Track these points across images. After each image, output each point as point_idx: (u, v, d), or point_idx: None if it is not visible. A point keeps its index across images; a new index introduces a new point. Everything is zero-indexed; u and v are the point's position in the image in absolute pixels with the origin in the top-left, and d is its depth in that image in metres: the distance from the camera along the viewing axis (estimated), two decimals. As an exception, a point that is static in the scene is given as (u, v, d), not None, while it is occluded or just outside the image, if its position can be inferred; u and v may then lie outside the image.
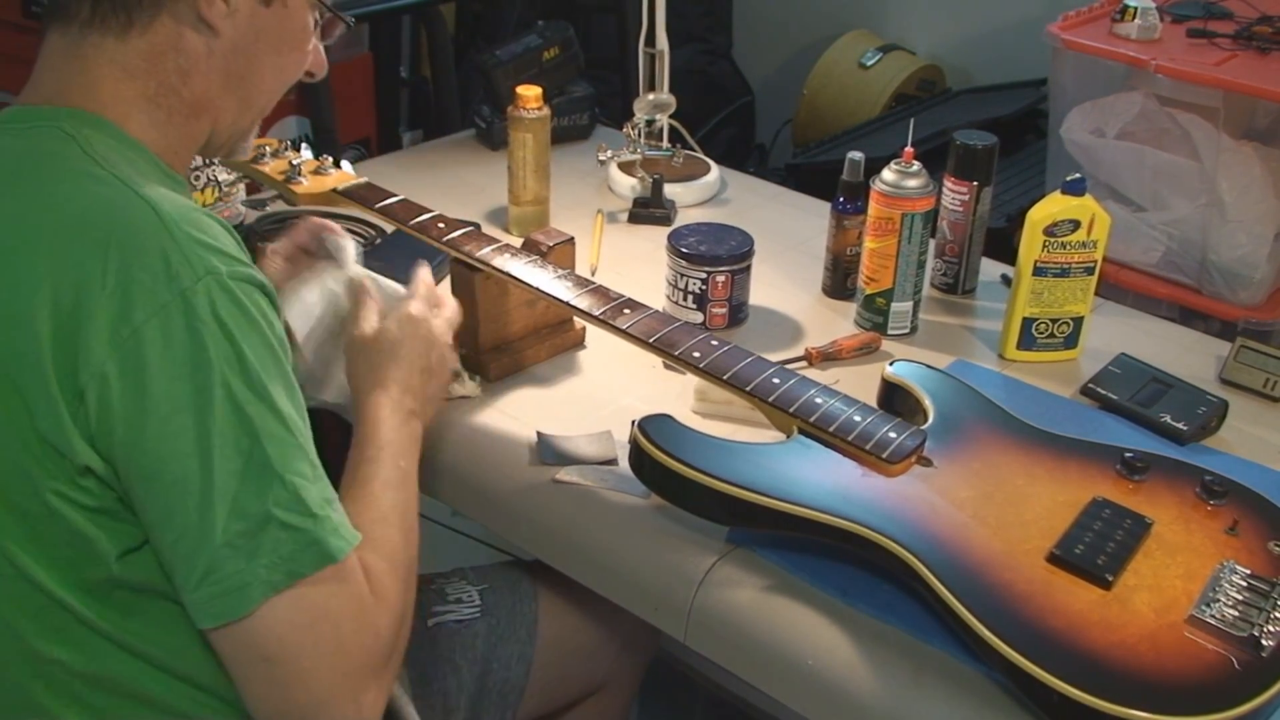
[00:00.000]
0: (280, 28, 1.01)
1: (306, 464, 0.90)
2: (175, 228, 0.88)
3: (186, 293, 0.86)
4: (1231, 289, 2.09)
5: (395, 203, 1.42)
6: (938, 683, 1.00)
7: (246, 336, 0.88)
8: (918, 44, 3.15)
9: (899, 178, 1.43)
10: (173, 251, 0.87)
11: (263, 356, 0.89)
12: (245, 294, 0.89)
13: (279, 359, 0.91)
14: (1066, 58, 2.18)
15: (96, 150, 0.93)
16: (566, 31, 2.02)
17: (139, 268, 0.86)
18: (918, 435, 1.14)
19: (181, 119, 1.00)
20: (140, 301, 0.85)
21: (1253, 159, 2.02)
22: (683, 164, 1.85)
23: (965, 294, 1.60)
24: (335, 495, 0.93)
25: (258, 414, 0.87)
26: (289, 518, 0.87)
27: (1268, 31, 2.10)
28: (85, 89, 0.96)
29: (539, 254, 1.33)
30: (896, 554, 1.03)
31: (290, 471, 0.88)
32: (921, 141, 1.49)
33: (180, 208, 0.91)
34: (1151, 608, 1.00)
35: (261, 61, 1.01)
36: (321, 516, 0.88)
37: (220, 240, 0.91)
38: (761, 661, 1.07)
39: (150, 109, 0.98)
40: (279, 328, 0.93)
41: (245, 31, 0.99)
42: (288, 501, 0.87)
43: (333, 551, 0.89)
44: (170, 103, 0.98)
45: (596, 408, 1.32)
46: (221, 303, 0.87)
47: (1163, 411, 1.33)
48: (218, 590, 0.86)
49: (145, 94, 0.97)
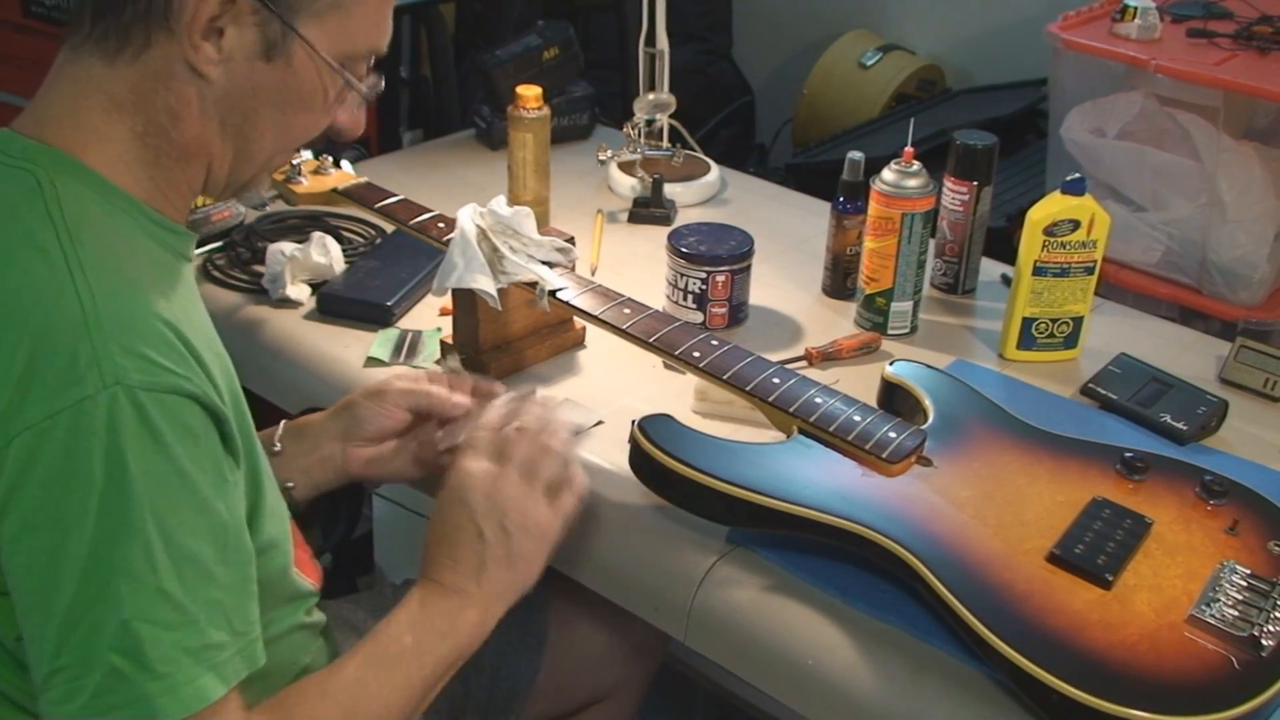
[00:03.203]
0: (284, 86, 0.92)
1: (169, 609, 0.82)
2: (98, 327, 0.81)
3: (85, 402, 0.79)
4: (1231, 289, 2.09)
5: (395, 203, 1.42)
6: (938, 683, 1.00)
7: (144, 459, 0.80)
8: (918, 44, 3.15)
9: (899, 178, 1.43)
10: (84, 353, 0.80)
11: (162, 486, 0.81)
12: (162, 408, 0.81)
13: (187, 483, 0.83)
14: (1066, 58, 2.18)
15: (66, 210, 0.86)
16: (566, 31, 2.02)
17: (45, 365, 0.80)
18: (918, 435, 1.14)
19: (171, 161, 0.92)
20: (35, 401, 0.79)
21: (1253, 159, 2.02)
22: (683, 164, 1.85)
23: (965, 294, 1.60)
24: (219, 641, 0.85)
25: (123, 549, 0.80)
26: (122, 665, 0.81)
27: (1268, 31, 2.10)
28: (74, 119, 0.90)
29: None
30: (896, 554, 1.03)
31: (140, 617, 0.80)
32: (921, 141, 1.49)
33: (118, 306, 0.83)
34: (1151, 607, 1.00)
35: (260, 116, 0.93)
36: (162, 673, 0.81)
37: (156, 344, 0.83)
38: (761, 661, 1.07)
39: (138, 148, 0.91)
40: (208, 442, 0.85)
41: (242, 83, 0.90)
42: (125, 648, 0.80)
43: (156, 711, 0.82)
44: (159, 144, 0.91)
45: (596, 407, 1.32)
46: (124, 417, 0.79)
47: (1163, 411, 1.33)
48: (44, 709, 0.82)
49: (134, 131, 0.90)
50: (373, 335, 1.45)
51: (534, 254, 1.30)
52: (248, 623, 0.89)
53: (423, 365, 1.39)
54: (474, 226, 1.27)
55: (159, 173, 0.92)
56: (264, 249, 1.52)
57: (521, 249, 1.29)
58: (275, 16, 0.89)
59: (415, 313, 1.51)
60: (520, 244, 1.30)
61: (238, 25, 0.88)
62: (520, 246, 1.30)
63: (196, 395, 0.83)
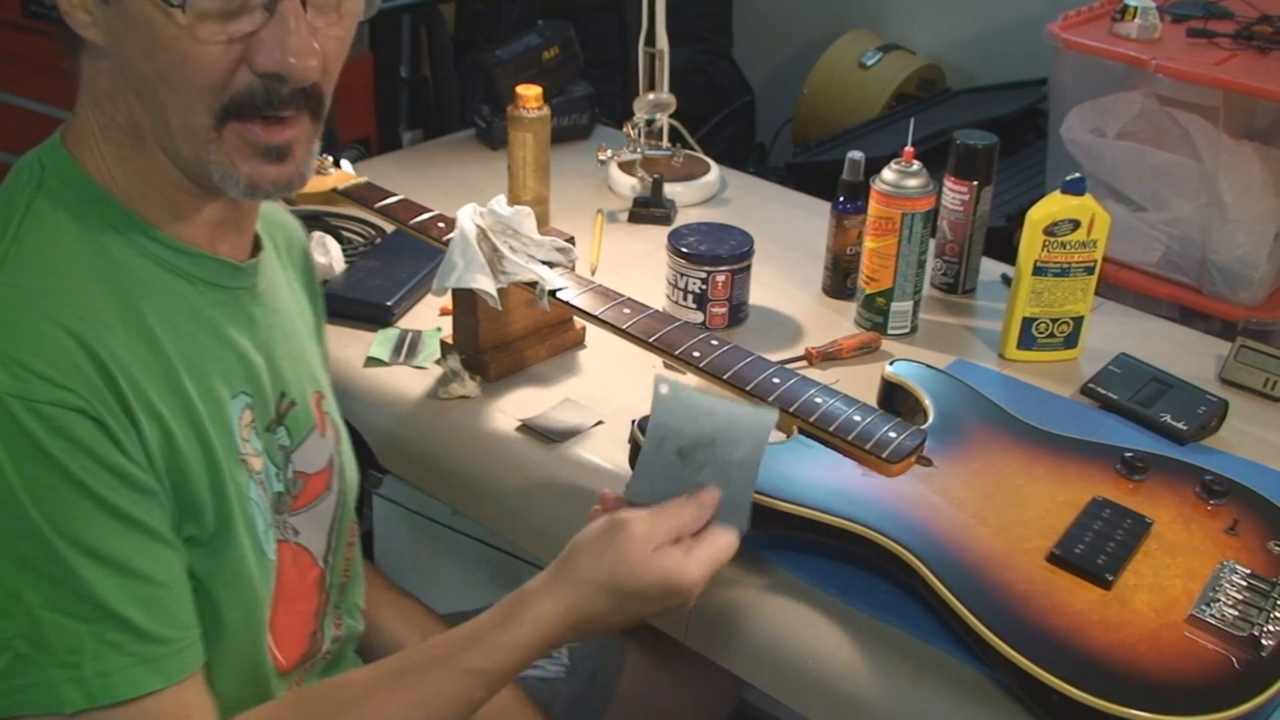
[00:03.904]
0: (128, 28, 0.83)
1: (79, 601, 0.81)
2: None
3: None
4: (1231, 289, 2.09)
5: (395, 203, 1.42)
6: (938, 683, 1.00)
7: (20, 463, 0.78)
8: (918, 44, 3.15)
9: (899, 177, 1.43)
10: None
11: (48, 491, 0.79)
12: (38, 419, 0.78)
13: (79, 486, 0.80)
14: (1066, 57, 2.18)
15: (38, 206, 0.85)
16: (566, 31, 2.02)
17: None
18: (918, 435, 1.14)
19: (129, 152, 0.88)
20: None
21: (1253, 159, 2.02)
22: (683, 164, 1.85)
23: (965, 294, 1.60)
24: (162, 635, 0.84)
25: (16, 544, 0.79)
26: (26, 649, 0.80)
27: (1268, 31, 2.10)
28: (73, 122, 0.89)
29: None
30: (896, 554, 1.03)
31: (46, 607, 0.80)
32: (921, 141, 1.49)
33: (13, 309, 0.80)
34: (1151, 607, 1.00)
35: (141, 68, 0.84)
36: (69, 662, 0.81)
37: (41, 354, 0.79)
38: (761, 661, 1.07)
39: (106, 145, 0.88)
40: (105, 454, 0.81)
41: (111, 38, 0.84)
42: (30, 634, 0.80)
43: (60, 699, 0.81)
44: (115, 136, 0.88)
45: (596, 407, 1.32)
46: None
47: (1163, 411, 1.33)
48: None
49: (99, 127, 0.88)
50: (373, 335, 1.45)
51: (534, 254, 1.30)
52: (193, 619, 0.87)
53: (423, 365, 1.39)
54: (474, 226, 1.27)
55: (131, 170, 0.89)
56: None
57: (521, 249, 1.29)
58: None
59: (415, 313, 1.51)
60: (520, 244, 1.30)
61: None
62: (520, 246, 1.29)
63: (81, 409, 0.80)
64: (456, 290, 1.31)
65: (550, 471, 1.24)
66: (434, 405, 1.34)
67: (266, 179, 0.88)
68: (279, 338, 1.00)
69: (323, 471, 1.04)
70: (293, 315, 1.04)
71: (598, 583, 0.94)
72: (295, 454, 1.00)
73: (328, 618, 1.06)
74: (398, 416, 1.34)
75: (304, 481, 1.01)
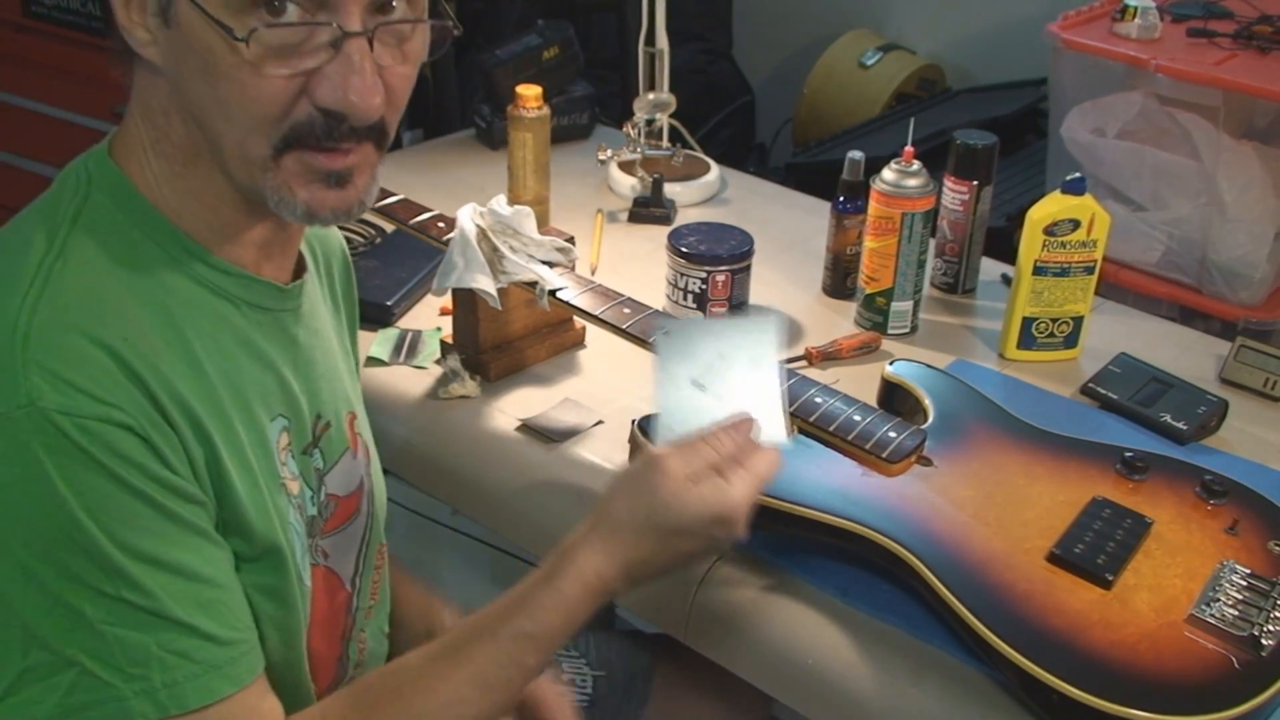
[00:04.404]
0: (188, 50, 0.81)
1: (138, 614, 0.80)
2: (23, 345, 0.77)
3: (2, 418, 0.76)
4: (1231, 289, 2.09)
5: (395, 203, 1.42)
6: (938, 683, 1.00)
7: (72, 476, 0.77)
8: (918, 43, 3.15)
9: (899, 177, 1.43)
10: (4, 368, 0.77)
11: (95, 495, 0.78)
12: (85, 434, 0.77)
13: (134, 493, 0.79)
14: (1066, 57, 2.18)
15: (84, 219, 0.84)
16: (566, 31, 2.02)
17: None
18: (917, 435, 1.14)
19: (182, 168, 0.86)
20: None
21: (1253, 159, 2.02)
22: (683, 163, 1.85)
23: (965, 293, 1.60)
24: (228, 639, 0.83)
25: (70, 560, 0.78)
26: (92, 665, 0.79)
27: (1268, 31, 2.10)
28: (123, 132, 0.88)
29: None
30: (896, 553, 1.03)
31: (106, 622, 0.79)
32: (921, 141, 1.49)
33: (57, 323, 0.79)
34: (1151, 607, 1.00)
35: (199, 92, 0.82)
36: (134, 675, 0.80)
37: (83, 370, 0.78)
38: (761, 661, 1.07)
39: (157, 161, 0.86)
40: (152, 468, 0.80)
41: (170, 59, 0.83)
42: (93, 649, 0.79)
43: (130, 713, 0.80)
44: (167, 151, 0.86)
45: (596, 407, 1.32)
46: (43, 441, 0.76)
47: (1163, 411, 1.33)
48: (12, 713, 0.79)
49: (150, 142, 0.86)
50: (373, 335, 1.45)
51: (534, 254, 1.30)
52: (250, 623, 0.87)
53: (423, 365, 1.39)
54: (474, 226, 1.27)
55: (180, 187, 0.87)
56: None
57: (521, 249, 1.29)
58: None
59: (415, 312, 1.51)
60: (520, 244, 1.30)
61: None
62: (520, 246, 1.29)
63: (125, 424, 0.79)
64: (456, 290, 1.31)
65: (550, 471, 1.24)
66: (434, 405, 1.34)
67: (325, 205, 0.86)
68: (318, 359, 0.98)
69: (354, 493, 1.02)
70: (330, 334, 1.03)
71: (638, 524, 0.93)
72: (328, 476, 0.99)
73: (353, 642, 1.05)
74: (398, 416, 1.34)
75: (336, 504, 1.00)
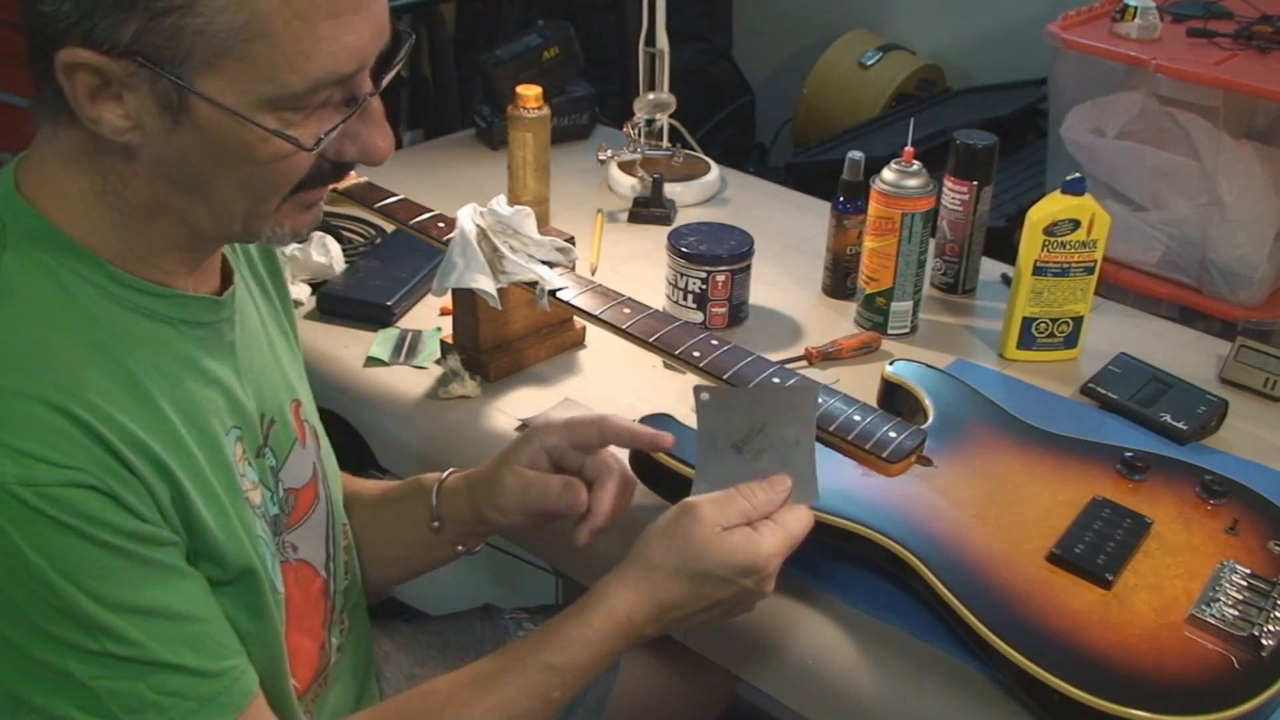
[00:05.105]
0: (207, 145, 0.81)
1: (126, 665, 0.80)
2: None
3: None
4: (1231, 289, 2.09)
5: (395, 202, 1.42)
6: (938, 683, 1.00)
7: (41, 543, 0.77)
8: (918, 44, 3.15)
9: (899, 177, 1.43)
10: None
11: (69, 558, 0.77)
12: (50, 501, 0.77)
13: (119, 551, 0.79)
14: (1066, 57, 2.18)
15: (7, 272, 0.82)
16: (566, 31, 2.02)
17: None
18: (918, 435, 1.14)
19: (136, 220, 0.85)
20: None
21: (1253, 159, 2.02)
22: (683, 163, 1.85)
23: (965, 293, 1.60)
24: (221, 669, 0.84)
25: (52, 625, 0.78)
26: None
27: (1268, 31, 2.10)
28: (47, 172, 0.85)
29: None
30: (897, 554, 1.03)
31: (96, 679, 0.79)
32: (921, 141, 1.49)
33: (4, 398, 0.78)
34: (1151, 607, 1.00)
35: (209, 174, 0.83)
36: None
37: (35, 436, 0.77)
38: (761, 661, 1.07)
39: (101, 206, 0.84)
40: (127, 523, 0.80)
41: (164, 147, 0.82)
42: (90, 707, 0.79)
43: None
44: (117, 203, 0.84)
45: (596, 407, 1.32)
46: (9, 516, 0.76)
47: (1163, 411, 1.33)
48: None
49: (93, 189, 0.84)
50: (373, 335, 1.45)
51: (534, 254, 1.30)
52: (236, 647, 0.87)
53: (423, 365, 1.39)
54: (474, 226, 1.27)
55: (127, 233, 0.85)
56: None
57: (521, 249, 1.29)
58: (161, 76, 0.78)
59: (415, 313, 1.51)
60: (520, 244, 1.30)
61: (130, 90, 0.79)
62: (520, 246, 1.29)
63: (89, 484, 0.78)
64: (456, 290, 1.31)
65: (550, 471, 1.24)
66: (434, 405, 1.34)
67: (306, 225, 0.90)
68: (255, 358, 0.98)
69: (310, 482, 1.03)
70: (259, 329, 1.02)
71: (670, 567, 0.95)
72: (282, 472, 0.99)
73: (335, 625, 1.06)
74: (398, 416, 1.34)
75: (295, 497, 1.00)
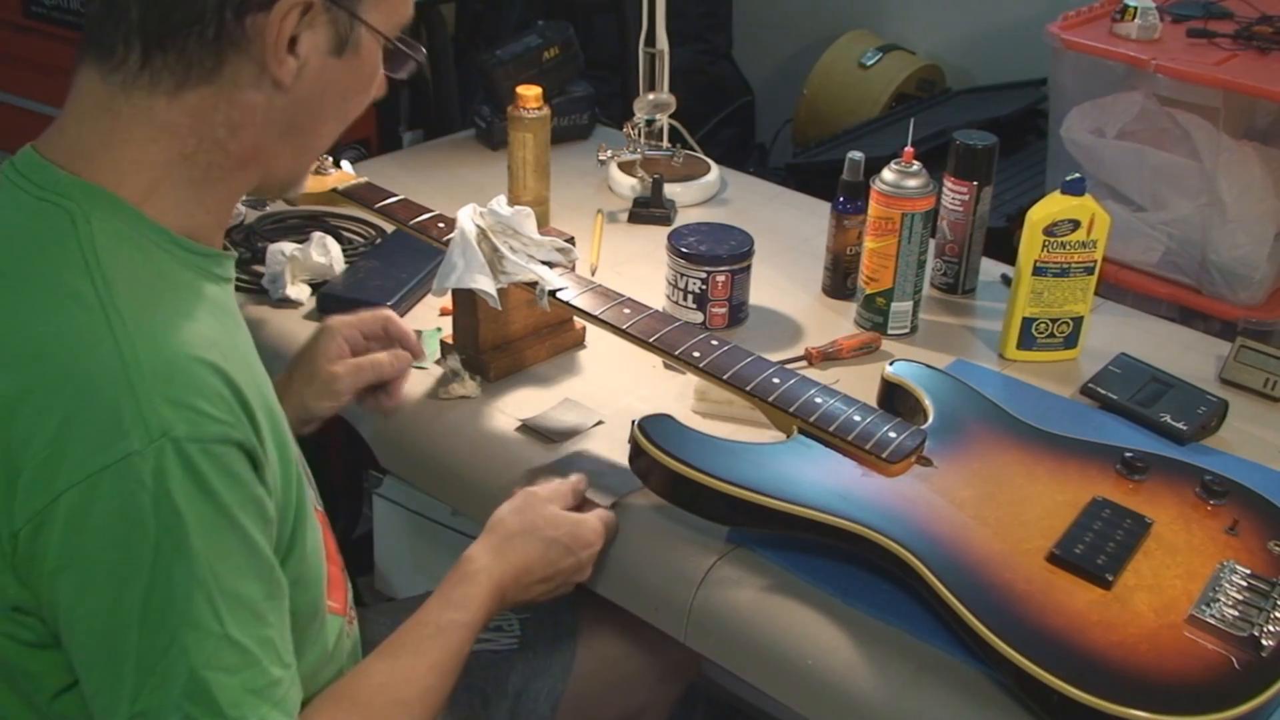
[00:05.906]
0: (353, 75, 0.92)
1: (233, 653, 0.82)
2: (139, 377, 0.79)
3: (133, 457, 0.77)
4: (1231, 289, 2.09)
5: (395, 203, 1.42)
6: (938, 683, 1.00)
7: (196, 510, 0.79)
8: (918, 44, 3.15)
9: (899, 178, 1.43)
10: (128, 407, 0.78)
11: (214, 534, 0.81)
12: (209, 458, 0.80)
13: (236, 528, 0.82)
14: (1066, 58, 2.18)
15: (100, 250, 0.83)
16: (566, 31, 2.01)
17: (86, 419, 0.78)
18: (918, 435, 1.14)
19: (222, 173, 0.89)
20: (78, 456, 0.77)
21: (1253, 159, 2.02)
22: (683, 164, 1.85)
23: (965, 294, 1.60)
24: (278, 677, 0.85)
25: (184, 600, 0.80)
26: (194, 711, 0.80)
27: (1268, 31, 2.10)
28: (111, 152, 0.86)
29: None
30: (896, 554, 1.03)
31: (207, 665, 0.80)
32: (921, 141, 1.49)
33: (159, 354, 0.81)
34: (1151, 608, 1.00)
35: (327, 110, 0.93)
36: (233, 717, 0.82)
37: (200, 392, 0.81)
38: (761, 661, 1.07)
39: (183, 168, 0.88)
40: (251, 486, 0.84)
41: (314, 84, 0.89)
42: (196, 695, 0.80)
43: None
44: (210, 158, 0.88)
45: (596, 407, 1.32)
46: (172, 471, 0.78)
47: (1163, 411, 1.33)
48: None
49: (181, 153, 0.87)
50: (373, 335, 1.45)
51: (534, 254, 1.30)
52: (293, 654, 0.89)
53: (423, 365, 1.39)
54: (474, 226, 1.27)
55: (203, 189, 0.89)
56: (264, 249, 1.52)
57: (521, 249, 1.29)
58: (344, 10, 0.88)
59: (415, 313, 1.51)
60: (520, 244, 1.30)
61: (311, 29, 0.87)
62: (520, 246, 1.30)
63: (240, 441, 0.82)
64: (456, 290, 1.31)
65: (550, 472, 1.24)
66: (434, 405, 1.34)
67: None
68: None
69: None
70: None
71: (523, 532, 1.12)
72: None
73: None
74: (398, 416, 1.33)
75: None
